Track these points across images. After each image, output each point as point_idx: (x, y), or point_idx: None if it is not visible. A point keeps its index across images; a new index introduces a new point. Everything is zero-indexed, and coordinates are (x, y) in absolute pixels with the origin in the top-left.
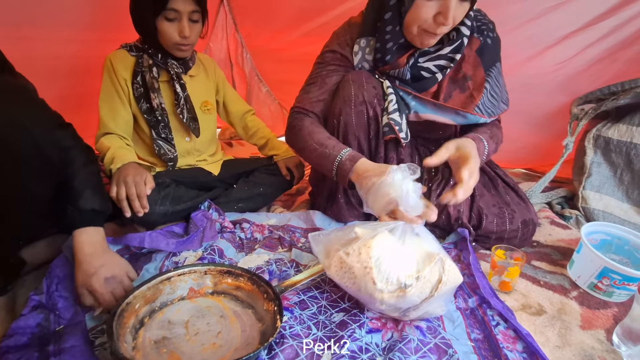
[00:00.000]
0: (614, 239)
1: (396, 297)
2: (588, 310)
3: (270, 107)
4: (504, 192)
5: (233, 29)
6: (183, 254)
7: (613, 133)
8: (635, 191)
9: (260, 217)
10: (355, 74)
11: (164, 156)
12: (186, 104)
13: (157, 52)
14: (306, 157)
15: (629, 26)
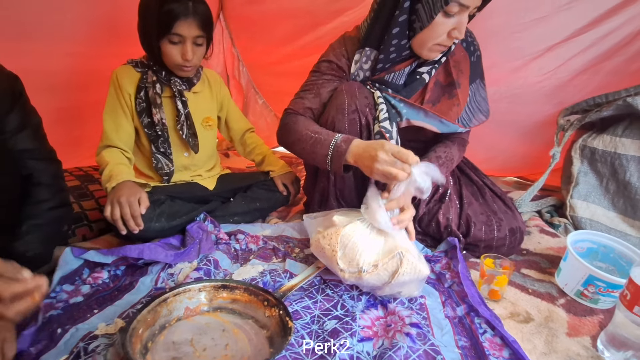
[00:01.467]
0: (599, 247)
1: (355, 278)
2: (574, 318)
3: (266, 118)
4: (492, 201)
5: (229, 43)
6: (178, 265)
7: (598, 143)
8: (620, 200)
9: (255, 228)
10: (348, 85)
11: (161, 170)
12: (186, 121)
13: (161, 69)
14: (300, 149)
15: (610, 38)
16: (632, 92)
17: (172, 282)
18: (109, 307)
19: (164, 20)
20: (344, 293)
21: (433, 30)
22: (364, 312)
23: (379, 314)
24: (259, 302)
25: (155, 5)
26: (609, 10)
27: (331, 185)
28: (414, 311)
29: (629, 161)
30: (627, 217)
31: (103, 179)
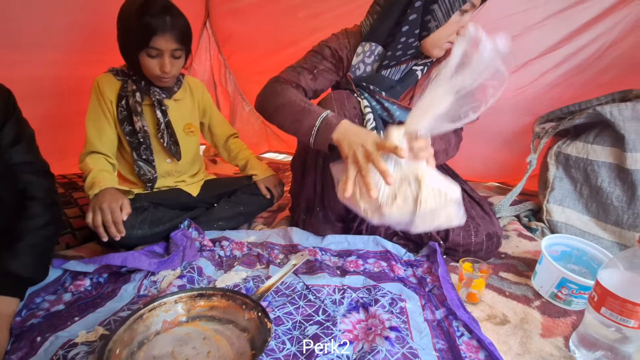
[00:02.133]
0: (573, 250)
1: (379, 215)
2: (549, 319)
3: (253, 125)
4: (470, 207)
5: (216, 50)
6: (162, 273)
7: (572, 150)
8: (593, 204)
9: (240, 235)
10: (337, 94)
11: (144, 176)
12: (167, 129)
13: (140, 79)
14: (283, 115)
15: (580, 54)
16: (602, 101)
17: (155, 289)
18: (90, 315)
19: (142, 34)
20: (326, 298)
21: (448, 28)
22: (346, 315)
23: (360, 317)
24: (237, 307)
25: (133, 20)
26: (579, 28)
27: (317, 196)
28: (394, 315)
29: (600, 167)
30: (599, 220)
31: (86, 186)
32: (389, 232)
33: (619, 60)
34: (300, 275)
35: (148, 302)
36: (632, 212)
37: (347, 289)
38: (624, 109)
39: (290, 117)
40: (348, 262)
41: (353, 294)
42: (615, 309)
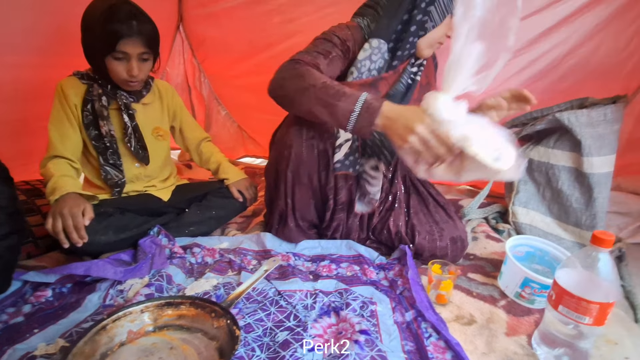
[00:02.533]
0: (536, 250)
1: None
2: (513, 318)
3: (229, 129)
4: (435, 211)
5: (190, 54)
6: (129, 282)
7: (534, 154)
8: (555, 206)
9: (212, 241)
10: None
11: (111, 181)
12: (134, 133)
13: (107, 83)
14: (313, 98)
15: (541, 61)
16: (562, 108)
17: (121, 299)
18: (51, 326)
19: (108, 39)
20: (298, 303)
21: (440, 29)
22: (317, 320)
23: (331, 322)
24: (206, 315)
25: (98, 25)
26: (539, 36)
27: (289, 208)
28: (364, 318)
29: (560, 171)
30: (561, 222)
31: (47, 192)
32: (362, 237)
33: (576, 68)
34: (273, 280)
35: (112, 312)
36: (589, 213)
37: (319, 293)
38: (580, 116)
39: (321, 100)
40: (321, 266)
41: (325, 298)
42: (571, 307)
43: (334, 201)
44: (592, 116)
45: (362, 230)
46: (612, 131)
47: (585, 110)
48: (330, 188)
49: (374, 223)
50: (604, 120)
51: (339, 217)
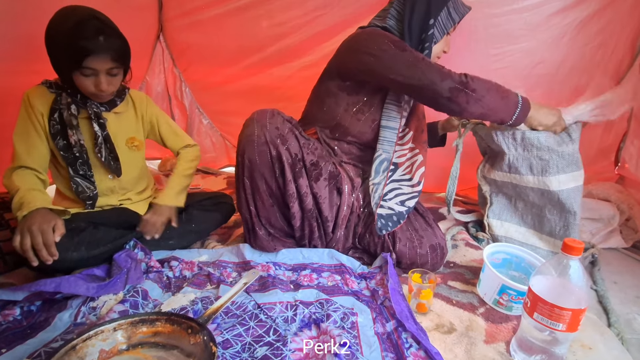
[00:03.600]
0: (513, 257)
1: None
2: (492, 325)
3: (212, 138)
4: (414, 219)
5: (171, 63)
6: (102, 298)
7: (495, 176)
8: (529, 216)
9: (191, 254)
10: (259, 114)
11: (82, 194)
12: (106, 143)
13: (75, 92)
14: (492, 98)
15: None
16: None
17: (94, 316)
18: (19, 347)
19: (75, 56)
20: (278, 316)
21: (439, 46)
22: (297, 334)
23: (312, 334)
24: (182, 331)
25: (64, 42)
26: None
27: (253, 215)
28: (345, 330)
29: (526, 189)
30: (535, 231)
31: (13, 207)
32: (347, 247)
33: (544, 78)
34: (252, 293)
35: (83, 331)
36: (562, 223)
37: (300, 305)
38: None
39: (500, 95)
40: (302, 276)
41: (305, 310)
42: (545, 314)
43: (300, 208)
44: (559, 136)
45: (346, 239)
46: (574, 150)
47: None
48: (290, 195)
49: (359, 231)
50: (570, 140)
51: (310, 225)
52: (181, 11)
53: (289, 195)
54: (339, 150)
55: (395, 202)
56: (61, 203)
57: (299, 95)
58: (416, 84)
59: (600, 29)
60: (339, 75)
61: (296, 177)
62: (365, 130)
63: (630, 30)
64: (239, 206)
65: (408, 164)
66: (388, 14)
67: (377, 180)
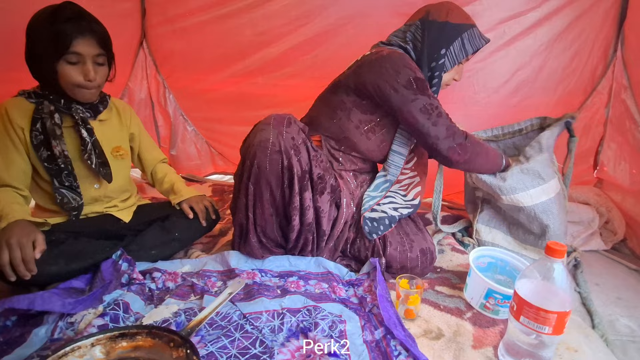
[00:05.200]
0: (498, 261)
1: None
2: (479, 330)
3: (197, 145)
4: (405, 223)
5: (154, 70)
6: (80, 312)
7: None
8: (514, 227)
9: (173, 265)
10: (277, 120)
11: (67, 205)
12: (94, 149)
13: (59, 97)
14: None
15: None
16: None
17: (71, 331)
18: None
19: (60, 39)
20: (265, 326)
21: (449, 74)
22: (284, 344)
23: (299, 344)
24: (164, 345)
25: (46, 26)
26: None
27: (250, 222)
28: (333, 339)
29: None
30: (520, 241)
31: None
32: (336, 256)
33: (524, 84)
34: (237, 302)
35: (59, 348)
36: (546, 237)
37: (286, 313)
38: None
39: (488, 159)
40: (289, 282)
41: (292, 319)
42: (531, 317)
43: (300, 222)
44: (526, 151)
45: (336, 249)
46: (537, 162)
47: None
48: (294, 207)
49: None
50: (525, 159)
51: (306, 238)
52: (164, 18)
53: (292, 208)
54: (343, 160)
55: (388, 207)
56: (42, 215)
57: (286, 102)
58: (422, 130)
59: (576, 37)
60: (356, 92)
61: (302, 190)
62: (373, 149)
63: (603, 39)
64: (236, 210)
65: (405, 183)
66: (407, 36)
67: (374, 194)
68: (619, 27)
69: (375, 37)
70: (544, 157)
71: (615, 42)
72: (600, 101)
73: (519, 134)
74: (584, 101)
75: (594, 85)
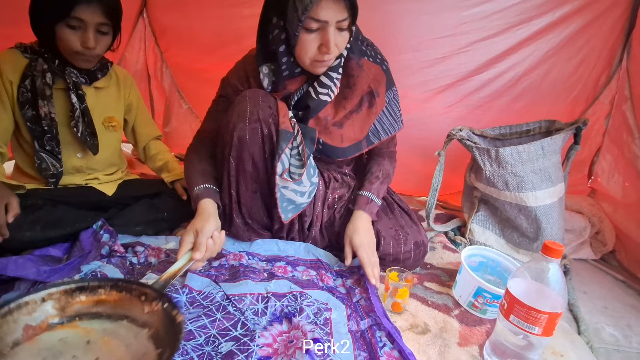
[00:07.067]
0: (489, 261)
1: None
2: (466, 328)
3: (191, 124)
4: (399, 216)
5: (152, 41)
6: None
7: (478, 186)
8: (507, 229)
9: (158, 241)
10: (252, 92)
11: (46, 171)
12: (83, 117)
13: (54, 57)
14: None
15: (499, 80)
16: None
17: None
18: None
19: (62, 2)
20: (248, 308)
21: (302, 46)
22: (267, 328)
23: (282, 329)
24: (133, 299)
25: None
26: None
27: (233, 201)
28: (317, 326)
29: (504, 204)
30: (513, 244)
31: None
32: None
33: (529, 89)
34: (222, 283)
35: (2, 304)
36: (540, 242)
37: (272, 297)
38: (522, 152)
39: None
40: (277, 267)
41: (277, 303)
42: (521, 317)
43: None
44: (531, 150)
45: (322, 237)
46: (551, 164)
47: (524, 145)
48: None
49: (335, 229)
50: (542, 153)
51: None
52: None
53: (274, 179)
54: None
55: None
56: (20, 179)
57: None
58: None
59: (583, 45)
60: None
61: None
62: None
63: (610, 48)
64: (221, 187)
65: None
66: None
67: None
68: (627, 37)
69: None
70: (557, 159)
71: (621, 52)
72: (601, 111)
73: (526, 134)
74: (585, 110)
75: (596, 94)
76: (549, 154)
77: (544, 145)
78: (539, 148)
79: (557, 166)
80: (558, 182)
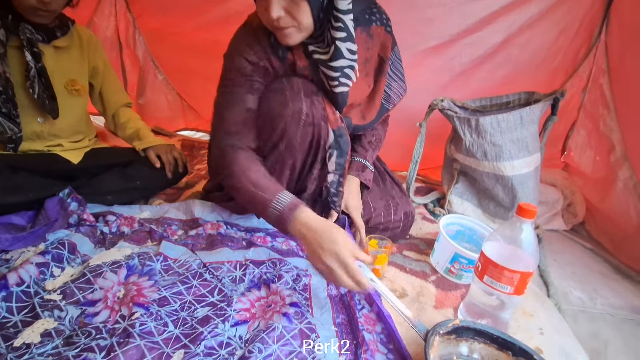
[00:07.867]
0: (466, 229)
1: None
2: (442, 292)
3: (167, 96)
4: (390, 187)
5: (124, 6)
6: (19, 249)
7: (458, 157)
8: (484, 200)
9: (131, 210)
10: (304, 85)
11: (3, 135)
12: (40, 78)
13: (7, 13)
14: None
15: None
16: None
17: (5, 268)
18: None
19: None
20: (225, 276)
21: (259, 12)
22: (244, 294)
23: (260, 295)
24: None
25: None
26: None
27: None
28: (296, 291)
29: (481, 175)
30: (489, 214)
31: None
32: None
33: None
34: (198, 252)
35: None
36: (515, 211)
37: (250, 265)
38: (502, 121)
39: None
40: (256, 237)
41: (255, 270)
42: (495, 276)
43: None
44: (510, 120)
45: None
46: (529, 133)
47: (504, 114)
48: (312, 176)
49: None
50: (520, 123)
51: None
52: None
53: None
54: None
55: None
56: None
57: None
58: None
59: (565, 14)
60: None
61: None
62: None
63: (590, 19)
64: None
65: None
66: None
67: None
68: (607, 10)
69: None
70: (535, 129)
71: (601, 25)
72: (579, 84)
73: (506, 106)
74: (565, 82)
75: (575, 66)
76: (527, 124)
77: (522, 115)
78: (517, 117)
79: (535, 136)
80: (535, 152)
